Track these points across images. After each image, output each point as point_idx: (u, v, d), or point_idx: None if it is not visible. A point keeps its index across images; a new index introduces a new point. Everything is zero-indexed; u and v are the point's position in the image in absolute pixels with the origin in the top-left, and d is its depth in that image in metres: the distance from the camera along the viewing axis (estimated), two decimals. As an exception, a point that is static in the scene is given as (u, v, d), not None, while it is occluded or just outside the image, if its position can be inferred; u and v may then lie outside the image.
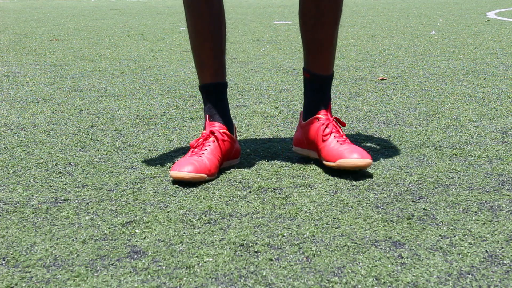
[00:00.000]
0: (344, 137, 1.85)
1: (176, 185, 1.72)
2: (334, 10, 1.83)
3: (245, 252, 1.31)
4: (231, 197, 1.63)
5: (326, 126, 1.86)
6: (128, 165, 1.90)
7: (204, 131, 1.86)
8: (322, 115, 1.89)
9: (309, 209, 1.55)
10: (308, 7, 1.85)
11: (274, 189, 1.69)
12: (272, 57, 4.31)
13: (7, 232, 1.42)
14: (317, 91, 1.91)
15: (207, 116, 1.87)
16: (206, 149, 1.80)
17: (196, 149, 1.81)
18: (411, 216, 1.49)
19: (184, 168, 1.70)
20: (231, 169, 1.85)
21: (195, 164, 1.72)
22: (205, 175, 1.73)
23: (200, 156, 1.77)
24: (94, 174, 1.82)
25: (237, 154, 1.92)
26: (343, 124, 1.91)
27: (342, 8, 1.85)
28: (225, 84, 1.90)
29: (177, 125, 2.40)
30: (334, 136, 1.84)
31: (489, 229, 1.41)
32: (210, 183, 1.74)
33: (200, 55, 1.87)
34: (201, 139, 1.84)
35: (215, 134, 1.84)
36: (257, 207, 1.56)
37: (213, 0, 1.84)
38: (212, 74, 1.88)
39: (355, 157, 1.74)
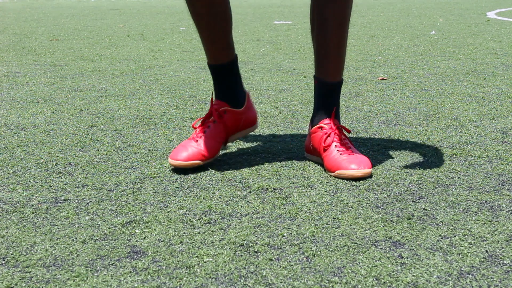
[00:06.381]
0: (348, 145, 1.86)
1: (176, 185, 1.72)
2: (337, 17, 1.83)
3: (245, 252, 1.31)
4: (231, 197, 1.63)
5: (328, 136, 1.87)
6: (128, 165, 1.90)
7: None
8: (325, 124, 1.89)
9: (309, 209, 1.55)
10: (313, 14, 1.86)
11: (274, 189, 1.69)
12: (272, 57, 4.31)
13: (7, 232, 1.42)
14: (323, 98, 1.92)
15: (212, 94, 1.93)
16: (205, 131, 1.86)
17: (195, 134, 1.87)
18: (411, 216, 1.49)
19: (178, 155, 1.79)
20: (231, 169, 1.85)
21: (188, 151, 1.80)
22: (199, 161, 1.80)
23: (197, 141, 1.83)
24: (94, 174, 1.82)
25: (250, 123, 1.97)
26: (348, 131, 1.91)
27: (347, 16, 1.84)
28: (227, 64, 1.89)
29: (177, 125, 2.40)
30: (335, 146, 1.84)
31: (489, 229, 1.41)
32: (210, 183, 1.74)
33: (201, 38, 1.88)
34: (201, 120, 1.90)
35: (216, 112, 1.89)
36: (257, 207, 1.56)
37: None
38: (213, 56, 1.89)
39: (352, 167, 1.75)
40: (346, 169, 1.75)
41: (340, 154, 1.81)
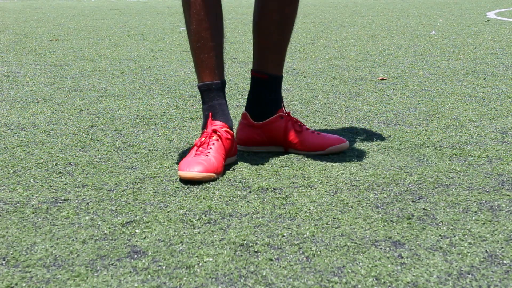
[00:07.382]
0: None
1: (176, 185, 1.72)
2: (295, 14, 1.98)
3: (245, 252, 1.32)
4: (231, 197, 1.63)
5: (295, 122, 2.02)
6: (128, 165, 1.90)
7: (205, 130, 1.86)
8: (283, 113, 2.01)
9: (309, 209, 1.55)
10: (270, 14, 1.94)
11: (274, 189, 1.69)
12: (272, 57, 4.31)
13: (7, 232, 1.42)
14: (274, 91, 2.01)
15: (210, 114, 1.88)
16: (211, 148, 1.82)
17: (201, 148, 1.83)
18: (411, 216, 1.49)
19: (193, 168, 1.73)
20: (231, 169, 1.86)
21: (204, 164, 1.75)
22: (214, 174, 1.75)
23: (207, 155, 1.79)
24: (94, 174, 1.82)
25: (236, 151, 1.93)
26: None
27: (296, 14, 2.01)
28: (224, 82, 1.91)
29: (177, 125, 2.40)
30: (307, 128, 2.02)
31: (489, 229, 1.42)
32: (210, 183, 1.74)
33: (200, 54, 1.88)
34: (204, 138, 1.84)
35: (218, 132, 1.85)
36: (257, 207, 1.56)
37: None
38: (212, 73, 1.89)
39: (341, 142, 1.99)
40: (339, 143, 1.98)
41: (318, 134, 2.01)
